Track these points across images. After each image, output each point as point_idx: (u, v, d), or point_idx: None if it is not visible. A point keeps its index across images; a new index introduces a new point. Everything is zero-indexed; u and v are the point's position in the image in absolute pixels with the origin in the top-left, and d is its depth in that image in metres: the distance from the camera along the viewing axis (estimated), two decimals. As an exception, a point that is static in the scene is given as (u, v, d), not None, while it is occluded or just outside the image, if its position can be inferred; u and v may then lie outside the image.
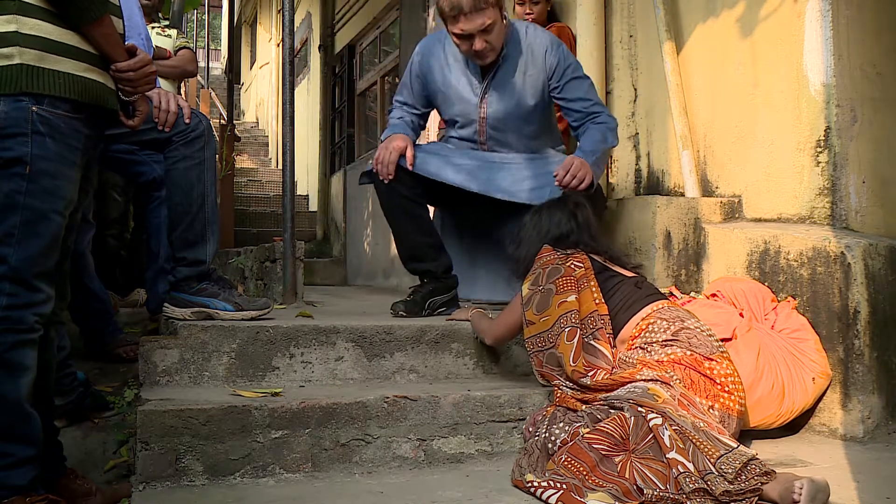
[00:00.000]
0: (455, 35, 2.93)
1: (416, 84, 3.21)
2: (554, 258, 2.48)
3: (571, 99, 3.05)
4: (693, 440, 1.86)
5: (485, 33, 2.90)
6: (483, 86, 3.08)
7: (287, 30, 3.68)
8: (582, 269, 2.44)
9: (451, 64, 3.12)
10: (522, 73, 3.05)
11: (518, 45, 3.06)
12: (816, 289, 2.60)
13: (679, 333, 2.25)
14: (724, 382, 2.18)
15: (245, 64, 16.60)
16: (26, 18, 1.83)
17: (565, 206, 2.66)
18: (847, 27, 2.76)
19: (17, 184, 1.84)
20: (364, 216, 7.97)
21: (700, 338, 2.25)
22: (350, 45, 8.94)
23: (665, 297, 2.47)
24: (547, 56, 3.05)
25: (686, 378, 2.16)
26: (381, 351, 2.59)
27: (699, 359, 2.20)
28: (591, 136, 2.97)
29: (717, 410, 2.15)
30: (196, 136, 2.66)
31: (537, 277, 2.45)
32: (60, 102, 1.88)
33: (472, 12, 2.85)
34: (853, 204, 2.77)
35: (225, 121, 9.38)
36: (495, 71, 3.06)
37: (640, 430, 1.95)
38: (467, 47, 2.94)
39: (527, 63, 3.05)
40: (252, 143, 13.52)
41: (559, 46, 3.10)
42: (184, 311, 2.62)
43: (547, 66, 3.04)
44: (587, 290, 2.40)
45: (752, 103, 3.08)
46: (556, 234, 2.59)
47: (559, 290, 2.38)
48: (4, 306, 1.84)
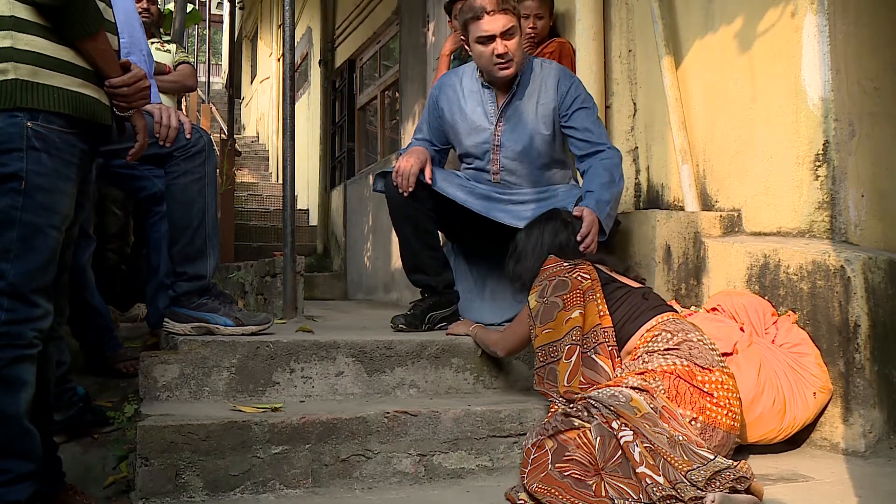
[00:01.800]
0: (477, 40, 2.98)
1: (433, 119, 3.25)
2: (560, 269, 2.45)
3: (577, 128, 3.06)
4: (664, 456, 1.89)
5: (506, 36, 2.96)
6: (498, 114, 3.11)
7: (287, 45, 3.69)
8: (588, 281, 2.42)
9: (466, 95, 3.17)
10: (535, 103, 3.09)
11: (533, 75, 3.11)
12: (816, 302, 2.60)
13: (681, 344, 2.25)
14: (717, 395, 2.17)
15: (245, 78, 16.68)
16: (21, 34, 1.84)
17: (558, 218, 2.67)
18: (844, 43, 2.78)
19: (13, 199, 1.85)
20: (364, 230, 7.97)
21: (701, 349, 2.25)
22: (350, 59, 8.98)
23: (671, 308, 2.46)
24: (559, 85, 3.09)
25: (671, 389, 2.15)
26: (382, 366, 2.59)
27: (694, 370, 2.19)
28: (599, 178, 2.93)
29: (700, 422, 2.14)
30: (197, 151, 2.67)
31: (543, 289, 2.44)
32: (55, 117, 1.88)
33: (495, 12, 2.94)
34: (852, 217, 2.77)
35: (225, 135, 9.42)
36: (510, 98, 3.09)
37: (608, 448, 1.96)
38: (489, 53, 2.98)
39: (539, 92, 3.09)
40: (252, 158, 13.56)
41: (571, 77, 3.16)
42: (184, 325, 2.61)
43: (558, 94, 3.08)
44: (592, 302, 2.39)
45: (750, 118, 3.09)
46: (555, 244, 2.59)
47: (565, 305, 2.37)
48: (3, 321, 1.84)
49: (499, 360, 2.75)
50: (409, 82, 6.92)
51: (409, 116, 6.88)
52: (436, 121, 3.24)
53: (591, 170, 2.99)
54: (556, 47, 3.95)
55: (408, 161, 3.02)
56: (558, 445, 2.01)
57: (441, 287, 3.12)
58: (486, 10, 2.93)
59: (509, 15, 2.96)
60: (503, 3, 2.95)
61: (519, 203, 3.04)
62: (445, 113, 3.20)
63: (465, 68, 3.25)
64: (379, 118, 8.30)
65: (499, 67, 3.01)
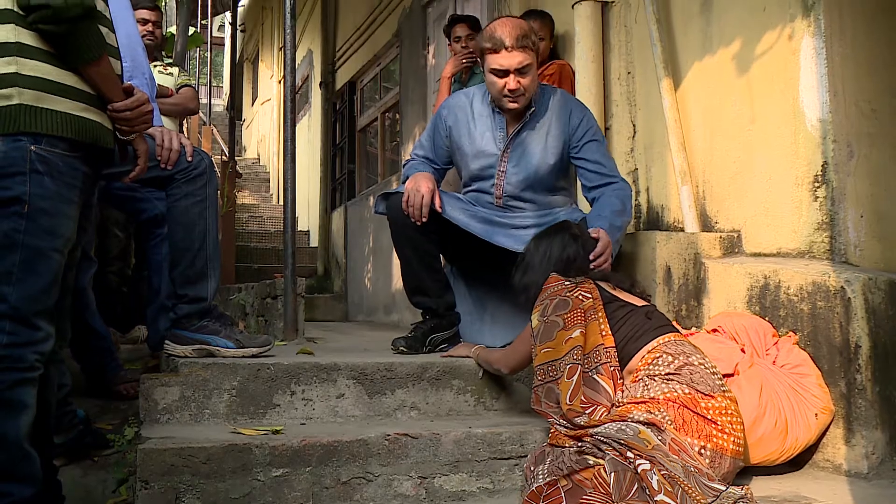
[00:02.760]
0: (491, 71, 2.97)
1: (438, 138, 3.23)
2: (561, 289, 2.43)
3: (589, 160, 3.06)
4: (682, 485, 1.88)
5: (521, 73, 2.94)
6: (506, 141, 3.10)
7: (289, 68, 3.71)
8: (590, 300, 2.39)
9: (476, 118, 3.16)
10: (545, 134, 3.09)
11: (546, 105, 3.11)
12: (817, 323, 2.60)
13: (682, 369, 2.24)
14: (721, 421, 2.16)
15: (247, 100, 16.76)
16: (26, 60, 1.86)
17: (567, 230, 2.65)
18: (842, 65, 2.80)
19: (16, 223, 1.86)
20: (365, 252, 7.98)
21: (702, 374, 2.23)
22: (351, 81, 9.03)
23: (675, 329, 2.44)
24: (571, 117, 3.09)
25: (678, 418, 2.14)
26: (382, 388, 2.59)
27: (696, 397, 2.17)
28: (612, 206, 2.95)
29: (709, 450, 2.13)
30: (198, 173, 2.68)
31: (544, 308, 2.41)
32: (58, 141, 1.89)
33: (513, 48, 2.91)
34: (852, 238, 2.78)
35: (227, 157, 9.45)
36: (520, 127, 3.09)
37: (625, 482, 1.93)
38: (501, 86, 2.97)
39: (551, 123, 3.09)
40: (253, 179, 13.60)
41: (584, 110, 3.16)
42: (185, 348, 2.62)
43: (570, 126, 3.08)
44: (594, 322, 2.37)
45: (749, 139, 3.11)
46: (562, 258, 2.56)
47: (566, 325, 2.35)
48: (4, 345, 1.84)
49: (499, 381, 2.74)
50: (409, 104, 6.96)
51: (409, 138, 6.91)
52: (441, 140, 3.22)
53: (602, 197, 2.99)
54: (556, 69, 3.98)
55: (417, 191, 2.99)
56: (573, 486, 1.98)
57: (442, 309, 3.12)
58: (505, 44, 2.91)
59: (527, 52, 2.94)
60: (522, 40, 2.93)
61: (521, 227, 3.04)
62: (453, 133, 3.19)
63: (476, 90, 3.24)
64: (379, 140, 8.34)
65: (508, 101, 3.00)
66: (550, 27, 4.17)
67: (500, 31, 2.94)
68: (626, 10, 3.87)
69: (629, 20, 3.85)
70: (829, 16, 2.80)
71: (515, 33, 2.92)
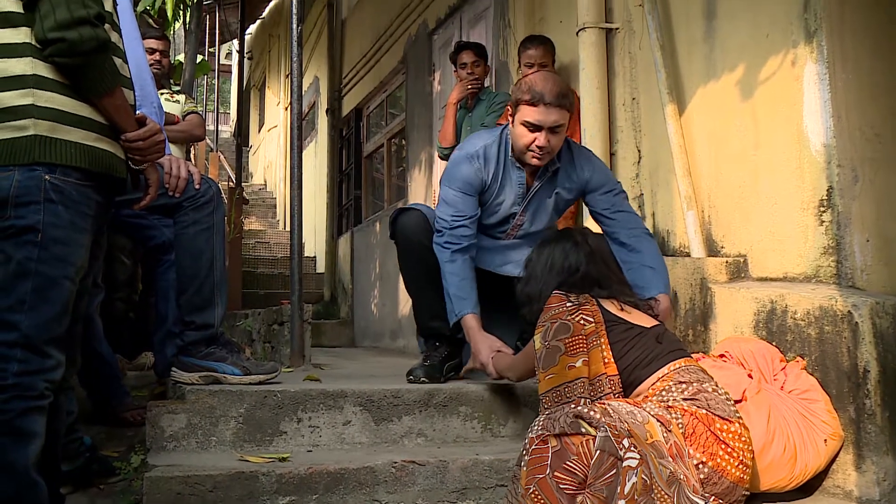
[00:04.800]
0: (524, 124, 2.86)
1: (474, 192, 3.00)
2: (562, 311, 2.32)
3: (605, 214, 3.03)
4: (658, 493, 1.86)
5: (553, 132, 2.85)
6: (525, 199, 3.04)
7: (295, 95, 3.75)
8: (591, 325, 2.30)
9: (502, 174, 3.02)
10: (562, 188, 3.05)
11: (563, 159, 3.04)
12: (825, 348, 2.60)
13: (697, 395, 2.21)
14: (733, 445, 2.14)
15: (254, 127, 16.88)
16: (42, 91, 1.88)
17: (571, 237, 2.58)
18: (844, 90, 2.81)
19: (30, 251, 1.87)
20: (371, 277, 7.99)
21: (717, 401, 2.21)
22: (357, 108, 9.09)
23: (686, 353, 2.38)
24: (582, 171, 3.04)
25: (689, 426, 2.11)
26: (389, 415, 2.58)
27: (713, 418, 2.15)
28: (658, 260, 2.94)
29: (708, 467, 2.09)
30: (206, 201, 2.70)
31: (546, 331, 2.33)
32: (72, 171, 1.91)
33: (552, 105, 2.81)
34: (858, 262, 2.77)
35: (233, 183, 9.50)
36: (539, 185, 3.03)
37: (604, 464, 1.91)
38: (529, 141, 2.86)
39: (564, 179, 3.05)
40: (260, 205, 13.65)
41: (593, 162, 3.10)
42: (191, 375, 2.62)
43: (580, 181, 3.05)
44: (596, 349, 2.29)
45: (754, 164, 3.12)
46: (565, 267, 2.49)
47: (568, 350, 2.28)
48: (16, 373, 1.85)
49: (507, 407, 2.74)
50: (415, 130, 7.00)
51: (415, 164, 6.95)
52: (476, 192, 3.00)
53: (650, 249, 2.95)
54: (560, 96, 4.00)
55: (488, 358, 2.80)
56: (561, 448, 1.96)
57: (454, 334, 3.07)
58: (544, 99, 2.80)
59: (563, 111, 2.84)
60: (562, 99, 2.83)
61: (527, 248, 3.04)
62: (489, 187, 3.02)
63: (494, 140, 3.05)
64: (386, 166, 8.39)
65: (532, 156, 2.90)
66: (552, 53, 4.20)
67: (542, 86, 2.84)
68: (630, 36, 3.90)
69: (633, 47, 3.88)
70: (831, 42, 2.82)
71: (556, 90, 2.83)
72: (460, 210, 2.96)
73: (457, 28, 6.21)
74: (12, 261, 1.86)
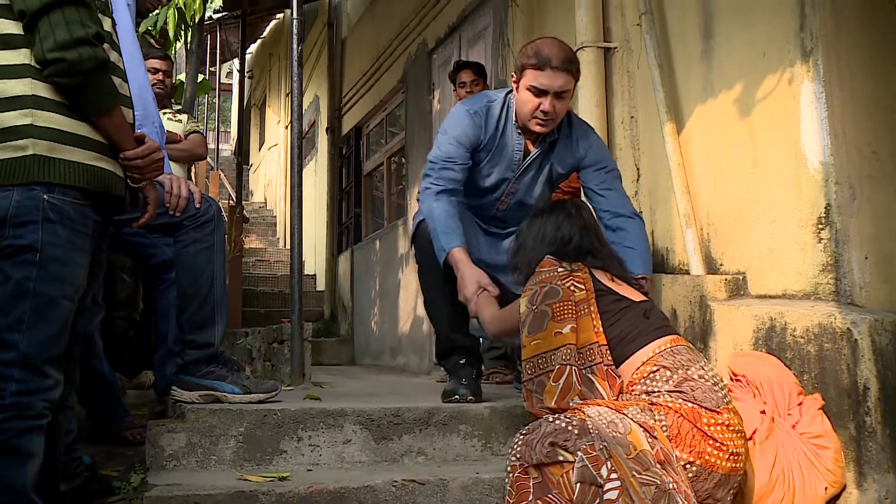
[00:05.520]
0: (529, 88, 2.83)
1: (469, 144, 2.96)
2: (553, 276, 2.28)
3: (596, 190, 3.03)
4: None
5: (558, 97, 2.83)
6: (522, 166, 3.01)
7: (295, 114, 3.77)
8: (583, 292, 2.25)
9: (501, 137, 2.99)
10: (558, 160, 3.04)
11: (564, 131, 3.03)
12: (824, 365, 2.59)
13: (682, 384, 2.14)
14: (721, 437, 2.08)
15: (254, 145, 16.93)
16: (41, 111, 1.90)
17: (564, 208, 2.54)
18: (841, 108, 2.83)
19: (28, 270, 1.88)
20: (371, 295, 7.99)
21: (704, 389, 2.14)
22: (357, 126, 9.13)
23: (674, 331, 2.32)
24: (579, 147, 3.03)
25: (673, 427, 2.06)
26: (389, 433, 2.58)
27: (700, 412, 2.09)
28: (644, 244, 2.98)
29: (696, 466, 2.06)
30: (206, 220, 2.71)
31: (534, 295, 2.27)
32: (70, 190, 1.92)
33: (558, 69, 2.79)
34: (857, 279, 2.78)
35: (234, 202, 9.53)
36: (537, 153, 3.00)
37: (587, 498, 1.90)
38: (534, 106, 2.83)
39: (564, 151, 3.03)
40: (260, 224, 13.67)
41: (591, 137, 3.08)
42: (192, 394, 2.62)
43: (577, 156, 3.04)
44: (587, 316, 2.24)
45: (752, 181, 3.13)
46: (557, 238, 2.45)
47: (556, 316, 2.21)
48: (14, 392, 1.85)
49: (507, 426, 2.73)
50: (415, 148, 7.03)
51: (415, 182, 6.96)
52: (469, 152, 2.96)
53: (634, 231, 2.96)
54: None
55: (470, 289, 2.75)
56: (542, 480, 1.95)
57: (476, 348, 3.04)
58: (551, 63, 2.78)
59: (570, 76, 2.83)
60: (569, 63, 2.82)
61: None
62: (484, 147, 2.99)
63: (498, 101, 3.01)
64: (385, 184, 8.41)
65: (537, 122, 2.88)
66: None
67: (549, 50, 2.82)
68: (629, 55, 3.93)
69: (631, 66, 3.90)
70: (828, 61, 2.84)
71: (563, 55, 2.82)
72: (451, 156, 2.94)
73: (456, 47, 6.25)
74: (11, 280, 1.86)
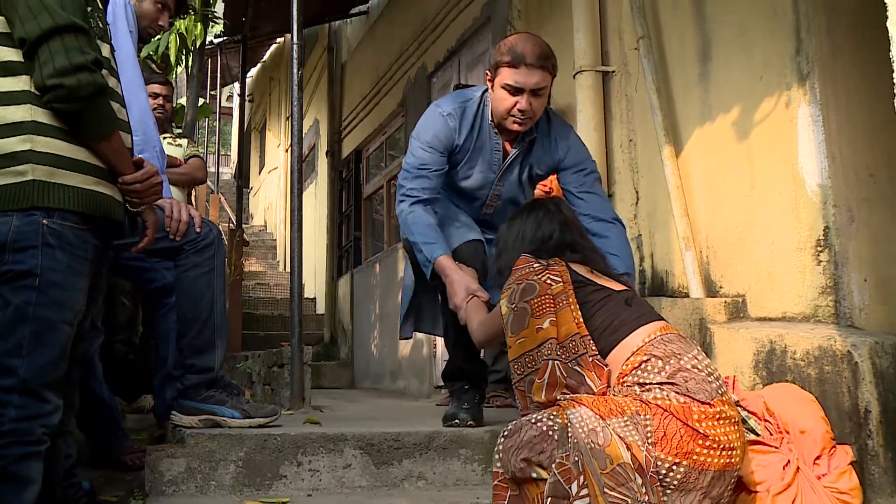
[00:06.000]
0: (504, 87, 2.77)
1: (444, 149, 2.91)
2: (528, 272, 2.23)
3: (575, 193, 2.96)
4: None
5: (534, 95, 2.77)
6: (502, 166, 2.96)
7: (295, 138, 3.79)
8: (559, 285, 2.19)
9: (479, 138, 2.93)
10: (536, 161, 2.98)
11: (542, 130, 2.97)
12: (825, 388, 2.59)
13: (675, 376, 2.05)
14: (713, 433, 1.99)
15: (254, 168, 16.98)
16: (40, 137, 1.91)
17: (542, 205, 2.49)
18: (838, 131, 2.85)
19: (28, 296, 1.87)
20: (371, 319, 7.98)
21: (697, 380, 2.05)
22: (357, 150, 9.16)
23: (660, 318, 2.25)
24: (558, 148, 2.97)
25: (659, 429, 1.98)
26: (390, 458, 2.57)
27: (691, 406, 2.00)
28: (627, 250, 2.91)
29: (684, 467, 1.96)
30: (206, 244, 2.72)
31: (512, 294, 2.23)
32: (69, 215, 1.93)
33: (533, 66, 2.73)
34: (856, 302, 2.78)
35: (234, 225, 9.54)
36: (517, 153, 2.95)
37: None
38: (510, 105, 2.77)
39: (543, 151, 2.98)
40: (260, 247, 13.68)
41: (570, 138, 3.02)
42: (191, 418, 2.61)
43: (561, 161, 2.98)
44: (566, 308, 2.17)
45: (751, 204, 3.14)
46: (537, 237, 2.39)
47: (534, 312, 2.17)
48: (13, 418, 1.84)
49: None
50: (414, 172, 7.04)
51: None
52: (446, 150, 2.91)
53: (615, 237, 2.89)
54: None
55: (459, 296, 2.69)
56: (519, 494, 1.95)
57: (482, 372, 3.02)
58: (526, 60, 2.71)
59: (546, 73, 2.76)
60: (544, 60, 2.74)
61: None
62: (461, 149, 2.93)
63: (474, 100, 2.95)
64: (385, 207, 8.43)
65: (513, 122, 2.81)
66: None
67: (522, 46, 2.75)
68: (627, 79, 3.95)
69: (630, 89, 3.93)
70: (824, 84, 2.86)
71: (538, 51, 2.75)
72: (426, 162, 2.89)
73: (455, 71, 6.30)
74: (10, 305, 1.86)
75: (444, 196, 3.07)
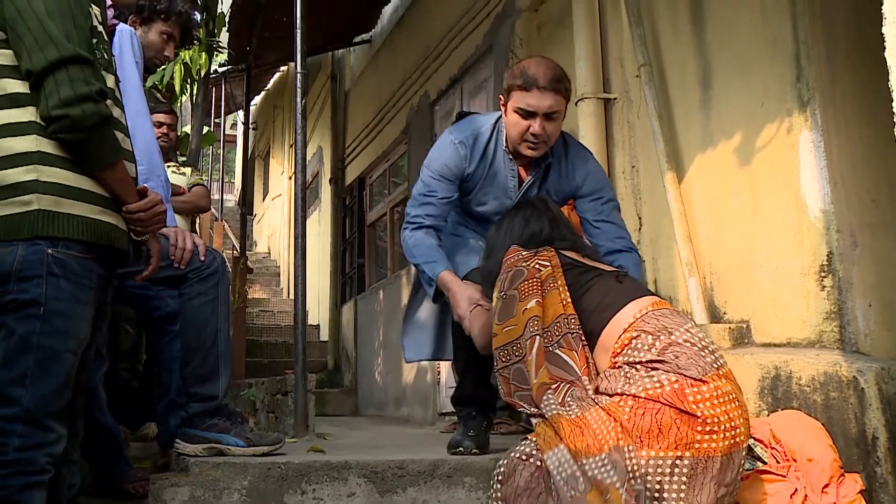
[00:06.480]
0: (517, 111, 2.74)
1: (454, 178, 2.89)
2: (518, 259, 2.22)
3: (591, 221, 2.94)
4: None
5: (548, 119, 2.73)
6: (518, 192, 2.92)
7: (299, 166, 3.81)
8: (548, 269, 2.17)
9: (494, 165, 2.91)
10: (553, 188, 2.95)
11: (559, 154, 2.94)
12: (831, 414, 2.58)
13: (665, 352, 1.99)
14: (710, 414, 1.92)
15: (258, 196, 17.05)
16: (45, 167, 1.92)
17: (530, 204, 2.48)
18: (840, 157, 2.86)
19: (32, 325, 1.88)
20: (375, 345, 7.97)
21: (690, 355, 1.98)
22: (360, 177, 9.20)
23: (650, 293, 2.22)
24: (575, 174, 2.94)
25: (654, 427, 1.91)
26: (394, 486, 2.55)
27: (684, 386, 1.93)
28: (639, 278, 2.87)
29: (688, 459, 1.90)
30: (210, 272, 2.72)
31: (502, 283, 2.21)
32: (74, 244, 1.93)
33: (546, 89, 2.70)
34: (861, 327, 2.77)
35: (238, 252, 9.56)
36: (532, 179, 2.92)
37: None
38: (524, 128, 2.74)
39: (560, 178, 2.95)
40: (264, 274, 13.69)
41: (589, 163, 2.99)
42: (195, 447, 2.60)
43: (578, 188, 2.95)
44: (553, 291, 2.14)
45: (753, 230, 3.15)
46: (526, 233, 2.38)
47: (521, 295, 2.14)
48: (17, 448, 1.84)
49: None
50: (418, 199, 7.06)
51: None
52: (456, 178, 2.89)
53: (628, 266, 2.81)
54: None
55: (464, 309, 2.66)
56: None
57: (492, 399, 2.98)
58: (538, 83, 2.68)
59: (559, 96, 2.72)
60: (557, 83, 2.71)
61: None
62: (472, 177, 2.91)
63: (487, 126, 2.92)
64: (389, 234, 8.44)
65: (527, 146, 2.77)
66: None
67: (535, 69, 2.72)
68: (629, 106, 3.98)
69: (631, 116, 3.95)
70: (825, 110, 2.88)
71: (551, 74, 2.71)
72: (433, 190, 2.89)
73: (458, 98, 6.34)
74: (14, 335, 1.86)
75: (460, 221, 3.07)
